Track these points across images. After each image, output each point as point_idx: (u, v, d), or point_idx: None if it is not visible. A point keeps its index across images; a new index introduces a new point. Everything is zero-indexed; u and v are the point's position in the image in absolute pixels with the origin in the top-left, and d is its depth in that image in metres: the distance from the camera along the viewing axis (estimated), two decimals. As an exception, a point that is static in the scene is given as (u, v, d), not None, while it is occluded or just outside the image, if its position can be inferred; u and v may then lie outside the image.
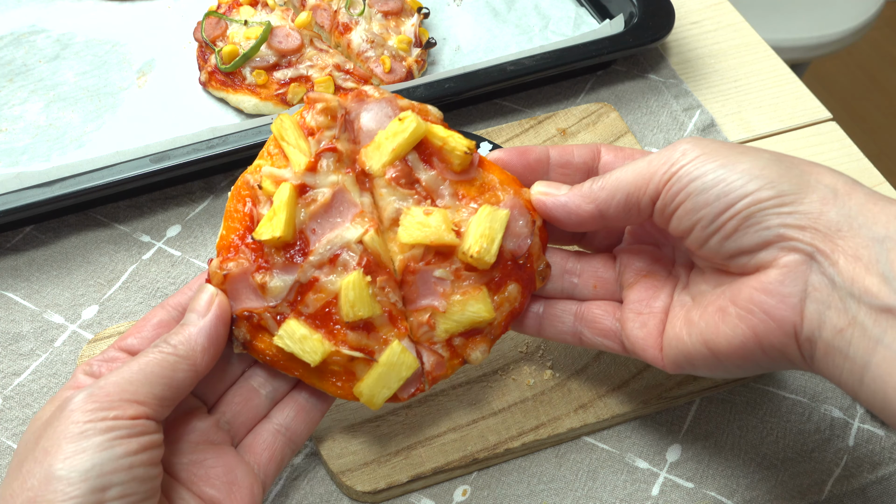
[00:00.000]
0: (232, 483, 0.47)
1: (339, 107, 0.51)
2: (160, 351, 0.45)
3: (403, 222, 0.49)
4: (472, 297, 0.49)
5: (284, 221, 0.48)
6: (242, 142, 0.71)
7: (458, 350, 0.51)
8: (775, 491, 0.58)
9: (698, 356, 0.46)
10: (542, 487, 0.58)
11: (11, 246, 0.72)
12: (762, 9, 1.77)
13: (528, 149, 0.53)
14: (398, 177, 0.50)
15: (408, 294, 0.50)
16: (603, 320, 0.52)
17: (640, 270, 0.52)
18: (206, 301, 0.48)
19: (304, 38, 0.82)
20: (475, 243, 0.48)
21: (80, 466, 0.40)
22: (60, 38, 0.88)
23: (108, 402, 0.42)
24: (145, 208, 0.75)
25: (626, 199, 0.48)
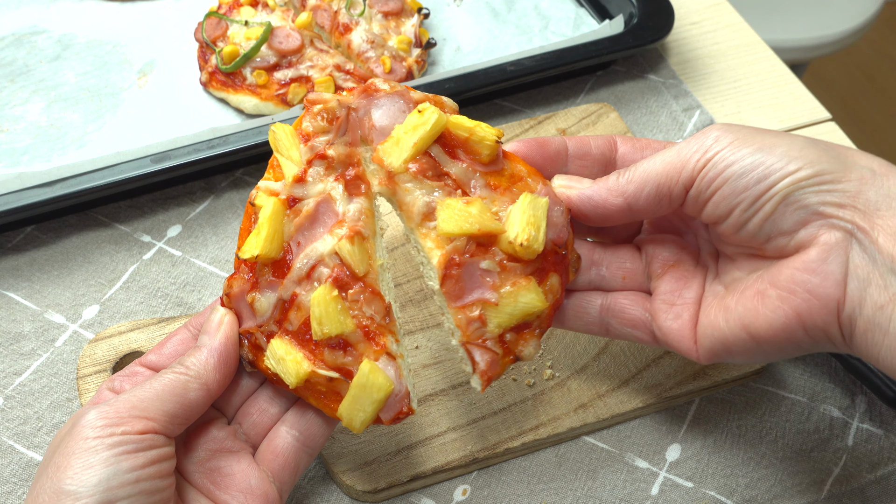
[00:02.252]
0: (247, 490, 0.48)
1: (340, 106, 0.49)
2: (173, 371, 0.47)
3: (442, 214, 0.47)
4: (524, 287, 0.47)
5: (264, 239, 0.47)
6: (243, 142, 0.72)
7: (509, 346, 0.49)
8: (774, 490, 0.58)
9: (737, 342, 0.46)
10: (542, 487, 0.58)
11: (12, 246, 0.72)
12: (762, 9, 1.77)
13: (546, 140, 0.52)
14: (424, 169, 0.48)
15: (452, 290, 0.48)
16: (631, 311, 0.52)
17: (668, 260, 0.52)
18: (216, 323, 0.49)
19: (305, 39, 0.82)
20: (523, 231, 0.46)
21: (88, 482, 0.41)
22: (61, 38, 0.88)
23: (118, 419, 0.44)
24: (146, 208, 0.75)
25: (656, 191, 0.47)
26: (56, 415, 0.61)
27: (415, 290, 0.67)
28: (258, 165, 0.78)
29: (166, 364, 0.49)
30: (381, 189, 0.49)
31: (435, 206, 0.48)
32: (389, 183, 0.49)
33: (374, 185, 0.49)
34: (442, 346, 0.63)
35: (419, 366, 0.62)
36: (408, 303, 0.66)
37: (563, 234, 0.49)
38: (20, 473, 0.59)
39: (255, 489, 0.48)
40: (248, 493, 0.48)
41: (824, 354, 0.65)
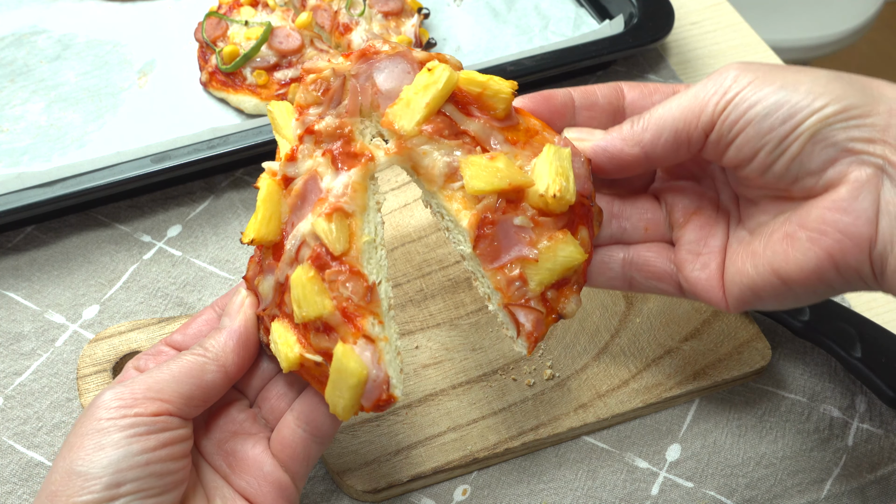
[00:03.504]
0: (260, 476, 0.48)
1: (335, 75, 0.47)
2: (192, 353, 0.47)
3: (468, 171, 0.45)
4: (561, 240, 0.45)
5: (259, 221, 0.46)
6: (243, 142, 0.72)
7: (552, 304, 0.46)
8: (774, 490, 0.58)
9: (766, 287, 0.44)
10: (542, 487, 0.58)
11: (13, 246, 0.72)
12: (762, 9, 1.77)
13: (552, 93, 0.50)
14: (439, 129, 0.46)
15: (486, 251, 0.46)
16: (656, 263, 0.50)
17: (688, 208, 0.50)
18: (237, 305, 0.49)
19: (305, 39, 0.82)
20: (553, 182, 0.44)
21: (98, 463, 0.42)
22: (62, 38, 0.88)
23: (132, 400, 0.44)
24: (146, 208, 0.75)
25: (674, 137, 0.45)
26: (56, 415, 0.62)
27: (415, 290, 0.67)
28: (258, 165, 0.78)
29: (191, 344, 0.49)
30: (394, 157, 0.46)
31: (457, 166, 0.46)
32: (402, 149, 0.46)
33: (380, 156, 0.46)
34: (442, 346, 0.63)
35: (419, 366, 0.62)
36: (408, 303, 0.66)
37: (588, 185, 0.47)
38: (20, 473, 0.59)
39: (268, 475, 0.48)
40: (261, 479, 0.48)
41: (824, 354, 0.65)
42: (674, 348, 0.63)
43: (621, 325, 0.65)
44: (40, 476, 0.58)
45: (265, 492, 0.47)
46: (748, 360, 0.62)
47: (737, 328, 0.64)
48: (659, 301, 0.66)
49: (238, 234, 0.73)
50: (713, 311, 0.65)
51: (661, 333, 0.64)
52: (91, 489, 0.41)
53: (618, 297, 0.66)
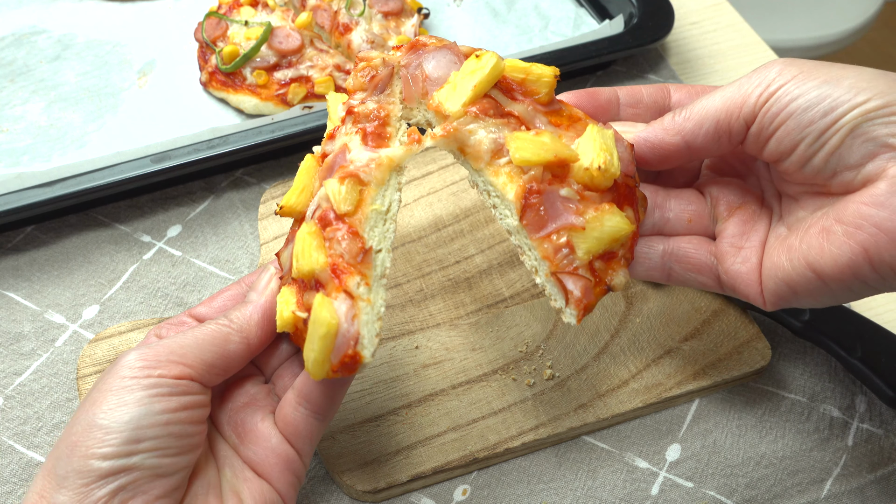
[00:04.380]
0: (270, 448, 0.49)
1: (384, 65, 0.49)
2: (217, 322, 0.49)
3: (514, 145, 0.46)
4: (608, 211, 0.46)
5: (290, 191, 0.49)
6: (243, 142, 0.72)
7: (600, 275, 0.47)
8: (774, 490, 0.58)
9: (802, 282, 0.44)
10: (541, 487, 0.58)
11: (13, 246, 0.72)
12: (761, 9, 1.77)
13: (596, 90, 0.51)
14: (485, 109, 0.47)
15: (533, 221, 0.46)
16: (696, 255, 0.50)
17: (733, 202, 0.50)
18: (265, 281, 0.51)
19: (305, 39, 0.82)
20: (598, 156, 0.45)
21: (120, 417, 0.43)
22: (61, 38, 0.88)
23: (156, 362, 0.45)
24: (146, 208, 0.75)
25: (715, 127, 0.46)
26: (56, 415, 0.62)
27: (415, 290, 0.67)
28: (258, 165, 0.78)
29: (214, 316, 0.51)
30: (440, 140, 0.48)
31: (503, 142, 0.47)
32: (448, 133, 0.47)
33: (426, 140, 0.48)
34: (442, 346, 0.63)
35: (419, 366, 0.62)
36: (408, 303, 0.66)
37: (632, 167, 0.47)
38: (20, 473, 0.59)
39: (276, 448, 0.49)
40: (268, 451, 0.49)
41: (824, 354, 0.65)
42: (674, 348, 0.63)
43: (621, 325, 0.65)
44: (40, 476, 0.58)
45: (272, 463, 0.49)
46: (748, 360, 0.62)
47: (737, 328, 0.64)
48: (659, 301, 0.66)
49: (237, 234, 0.73)
50: (713, 310, 0.65)
51: (661, 333, 0.64)
52: (111, 442, 0.42)
53: (618, 297, 0.66)
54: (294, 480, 0.50)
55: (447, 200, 0.73)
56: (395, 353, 0.63)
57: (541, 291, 0.67)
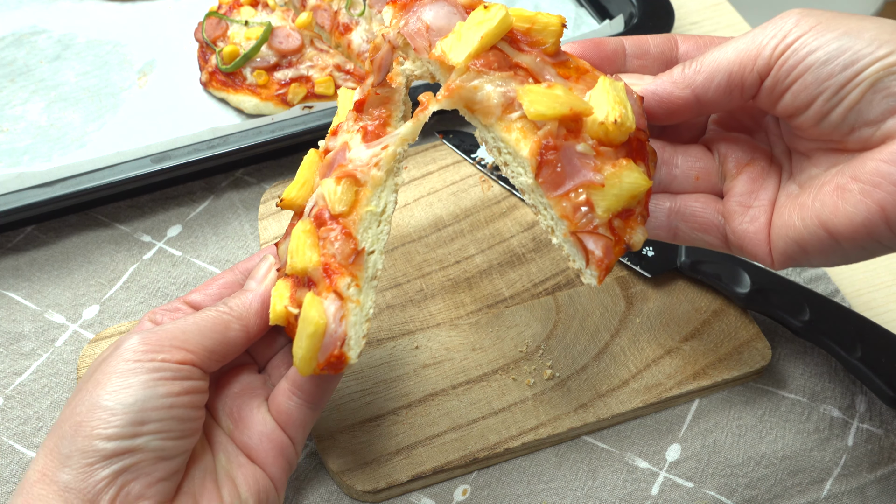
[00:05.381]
0: (264, 435, 0.50)
1: (384, 41, 0.48)
2: (217, 309, 0.49)
3: (527, 98, 0.44)
4: (626, 167, 0.44)
5: (292, 184, 0.49)
6: (243, 142, 0.72)
7: (619, 234, 0.45)
8: (774, 490, 0.58)
9: (813, 242, 0.43)
10: (542, 487, 0.58)
11: (13, 246, 0.72)
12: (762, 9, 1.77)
13: (602, 40, 0.50)
14: (490, 63, 0.45)
15: (550, 178, 0.44)
16: (703, 214, 0.49)
17: (741, 159, 0.49)
18: (264, 270, 0.52)
19: (305, 39, 0.82)
20: (613, 110, 0.43)
21: (124, 399, 0.44)
22: (62, 38, 0.88)
23: (159, 346, 0.46)
24: (146, 208, 0.75)
25: (727, 80, 0.44)
26: (56, 415, 0.61)
27: (415, 290, 0.67)
28: (258, 165, 0.78)
29: (209, 304, 0.52)
30: (445, 101, 0.46)
31: (513, 96, 0.45)
32: (452, 91, 0.46)
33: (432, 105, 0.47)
34: (442, 346, 0.63)
35: (419, 366, 0.62)
36: (408, 303, 0.66)
37: (643, 121, 0.46)
38: (20, 473, 0.59)
39: (270, 434, 0.50)
40: (263, 437, 0.50)
41: (824, 354, 0.65)
42: (674, 348, 0.63)
43: (621, 325, 0.65)
44: (40, 476, 0.58)
45: (266, 449, 0.50)
46: (748, 360, 0.62)
47: (737, 328, 0.64)
48: (659, 301, 0.66)
49: (238, 234, 0.73)
50: (713, 310, 0.65)
51: (661, 333, 0.64)
52: (115, 423, 0.43)
53: (618, 297, 0.66)
54: (286, 466, 0.51)
55: (447, 200, 0.73)
56: (395, 353, 0.63)
57: (541, 292, 0.67)
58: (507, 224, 0.72)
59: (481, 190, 0.74)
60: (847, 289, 0.70)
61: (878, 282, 0.71)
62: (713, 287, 0.66)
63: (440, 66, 0.47)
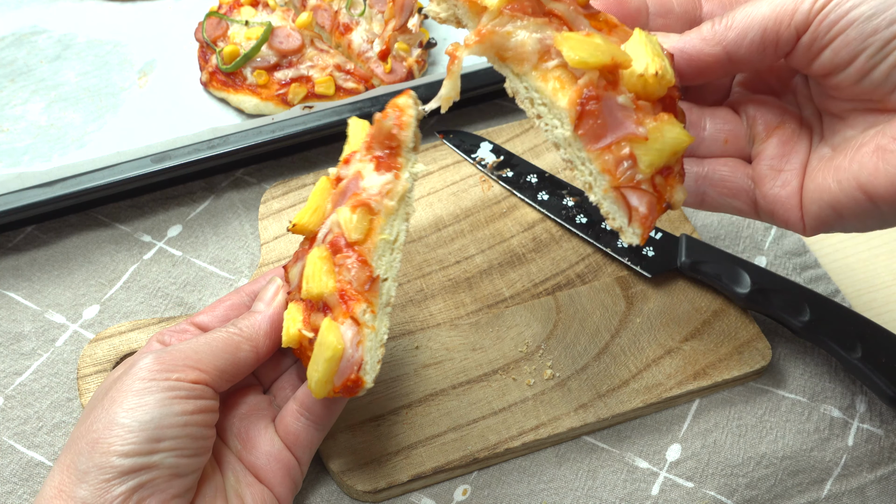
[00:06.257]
0: (271, 456, 0.51)
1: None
2: (227, 331, 0.50)
3: (567, 45, 0.42)
4: (667, 121, 0.42)
5: (304, 211, 0.50)
6: (243, 142, 0.72)
7: (660, 190, 0.43)
8: (775, 490, 0.58)
9: (850, 205, 0.42)
10: (542, 487, 0.58)
11: (13, 246, 0.72)
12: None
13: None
14: (524, 7, 0.43)
15: (591, 130, 0.42)
16: (732, 179, 0.47)
17: (771, 122, 0.47)
18: (272, 293, 0.53)
19: (305, 39, 0.82)
20: (653, 62, 0.41)
21: (140, 417, 0.44)
22: (62, 38, 0.88)
23: (173, 365, 0.47)
24: (146, 208, 0.75)
25: (761, 36, 0.42)
26: (56, 415, 0.62)
27: (415, 290, 0.67)
28: (258, 165, 0.78)
29: (216, 325, 0.53)
30: (475, 47, 0.44)
31: (550, 44, 0.43)
32: (483, 36, 0.43)
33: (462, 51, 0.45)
34: (442, 345, 0.63)
35: (419, 366, 0.62)
36: (408, 303, 0.66)
37: (675, 78, 0.44)
38: (20, 473, 0.59)
39: (277, 455, 0.52)
40: (271, 458, 0.51)
41: (824, 354, 0.65)
42: (674, 348, 0.63)
43: (621, 325, 0.65)
44: (41, 476, 0.58)
45: (274, 469, 0.51)
46: (748, 360, 0.62)
47: (737, 328, 0.64)
48: (659, 301, 0.66)
49: (238, 234, 0.73)
50: (713, 310, 0.65)
51: (661, 333, 0.64)
52: (132, 440, 0.44)
53: (618, 297, 0.66)
54: (292, 486, 0.52)
55: (447, 200, 0.73)
56: (395, 353, 0.63)
57: (541, 291, 0.67)
58: (508, 224, 0.72)
59: (481, 190, 0.74)
60: (847, 289, 0.70)
61: (878, 282, 0.71)
62: (713, 287, 0.66)
63: (469, 8, 0.44)
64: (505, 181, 0.74)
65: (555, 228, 0.71)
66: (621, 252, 0.68)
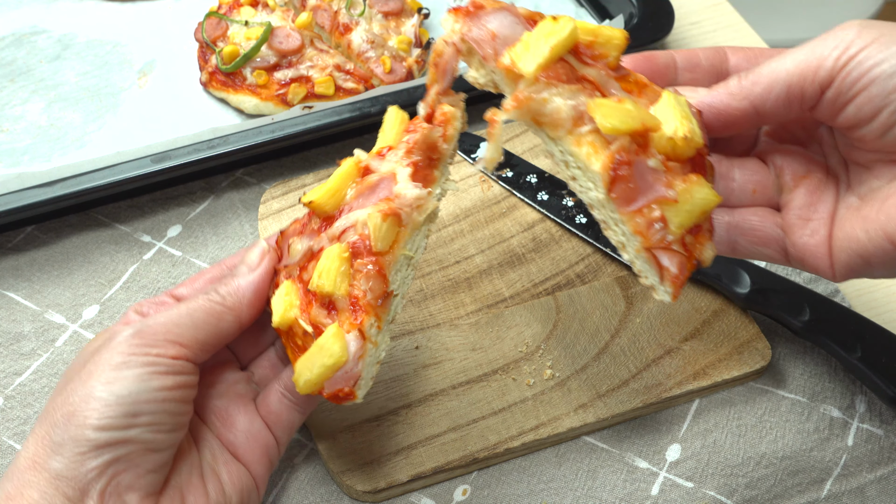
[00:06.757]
0: (250, 434, 0.51)
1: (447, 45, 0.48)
2: (209, 299, 0.49)
3: (599, 112, 0.44)
4: (696, 182, 0.43)
5: (325, 190, 0.49)
6: (243, 142, 0.72)
7: (690, 250, 0.45)
8: (774, 490, 0.58)
9: (879, 254, 0.43)
10: (541, 487, 0.58)
11: (13, 246, 0.72)
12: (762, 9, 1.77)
13: (653, 53, 0.50)
14: (558, 75, 0.45)
15: (623, 193, 0.44)
16: (762, 228, 0.49)
17: (798, 172, 0.49)
18: (257, 256, 0.51)
19: (305, 39, 0.82)
20: (681, 125, 0.43)
21: (118, 391, 0.44)
22: (62, 38, 0.88)
23: (153, 340, 0.46)
24: (146, 208, 0.75)
25: (787, 92, 0.44)
26: (56, 415, 0.61)
27: (415, 290, 0.67)
28: (258, 165, 0.78)
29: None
30: (513, 112, 0.46)
31: (584, 110, 0.45)
32: (520, 102, 0.45)
33: (500, 115, 0.47)
34: (442, 345, 0.63)
35: (419, 366, 0.62)
36: (408, 303, 0.66)
37: (704, 136, 0.45)
38: (20, 473, 0.59)
39: (258, 435, 0.51)
40: (250, 437, 0.51)
41: (824, 354, 0.65)
42: (674, 348, 0.63)
43: (621, 325, 0.65)
44: (40, 476, 0.58)
45: (252, 448, 0.51)
46: (748, 360, 0.62)
47: (737, 328, 0.64)
48: (659, 301, 0.66)
49: (238, 235, 0.73)
50: (713, 310, 0.65)
51: (661, 333, 0.64)
52: (110, 414, 0.43)
53: (618, 297, 0.66)
54: (269, 465, 0.52)
55: (447, 200, 0.73)
56: (395, 353, 0.63)
57: (541, 292, 0.67)
58: (507, 224, 0.72)
59: (481, 190, 0.74)
60: (847, 289, 0.70)
61: (878, 282, 0.71)
62: (713, 287, 0.66)
63: (506, 75, 0.46)
64: (505, 181, 0.74)
65: (554, 228, 0.71)
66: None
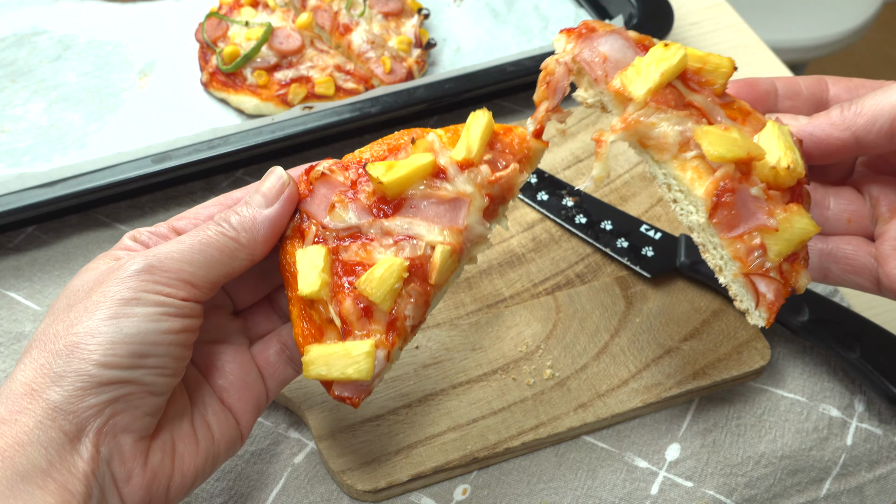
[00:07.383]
0: (242, 382, 0.50)
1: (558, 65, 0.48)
2: (222, 233, 0.46)
3: (706, 140, 0.45)
4: (796, 212, 0.45)
5: (397, 177, 0.46)
6: (243, 142, 0.72)
7: (787, 277, 0.45)
8: (774, 489, 0.59)
9: None
10: (541, 486, 0.59)
11: (14, 246, 0.72)
12: (761, 10, 1.77)
13: (755, 80, 0.50)
14: (667, 100, 0.46)
15: (725, 219, 0.45)
16: (855, 257, 0.49)
17: (894, 203, 0.49)
18: (277, 187, 0.47)
19: (305, 39, 0.82)
20: (785, 155, 0.44)
21: (126, 329, 0.42)
22: (62, 39, 0.88)
23: (165, 278, 0.43)
24: (147, 208, 0.75)
25: (890, 125, 0.45)
26: (57, 414, 0.61)
27: (415, 290, 0.67)
28: (259, 165, 0.78)
29: None
30: (621, 133, 0.47)
31: (690, 136, 0.46)
32: (628, 124, 0.47)
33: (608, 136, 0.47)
34: (442, 346, 0.63)
35: (419, 366, 0.62)
36: (408, 303, 0.66)
37: (804, 165, 0.46)
38: (21, 473, 0.59)
39: (251, 384, 0.50)
40: (242, 385, 0.50)
41: (824, 354, 0.65)
42: (674, 348, 0.64)
43: (621, 325, 0.65)
44: (41, 475, 0.58)
45: (243, 396, 0.50)
46: (748, 359, 0.63)
47: (737, 328, 0.64)
48: (659, 301, 0.66)
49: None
50: (713, 310, 0.65)
51: (661, 333, 0.64)
52: (116, 353, 0.41)
53: (618, 297, 0.66)
54: (256, 415, 0.51)
55: (447, 201, 0.73)
56: (396, 353, 0.63)
57: (541, 291, 0.67)
58: (507, 224, 0.72)
59: (481, 190, 0.74)
60: (846, 289, 0.70)
61: (877, 282, 0.71)
62: (713, 287, 0.66)
63: (615, 97, 0.47)
64: (505, 181, 0.74)
65: (554, 228, 0.72)
66: (620, 252, 0.68)
